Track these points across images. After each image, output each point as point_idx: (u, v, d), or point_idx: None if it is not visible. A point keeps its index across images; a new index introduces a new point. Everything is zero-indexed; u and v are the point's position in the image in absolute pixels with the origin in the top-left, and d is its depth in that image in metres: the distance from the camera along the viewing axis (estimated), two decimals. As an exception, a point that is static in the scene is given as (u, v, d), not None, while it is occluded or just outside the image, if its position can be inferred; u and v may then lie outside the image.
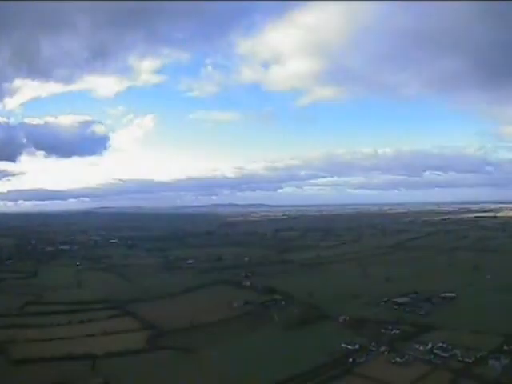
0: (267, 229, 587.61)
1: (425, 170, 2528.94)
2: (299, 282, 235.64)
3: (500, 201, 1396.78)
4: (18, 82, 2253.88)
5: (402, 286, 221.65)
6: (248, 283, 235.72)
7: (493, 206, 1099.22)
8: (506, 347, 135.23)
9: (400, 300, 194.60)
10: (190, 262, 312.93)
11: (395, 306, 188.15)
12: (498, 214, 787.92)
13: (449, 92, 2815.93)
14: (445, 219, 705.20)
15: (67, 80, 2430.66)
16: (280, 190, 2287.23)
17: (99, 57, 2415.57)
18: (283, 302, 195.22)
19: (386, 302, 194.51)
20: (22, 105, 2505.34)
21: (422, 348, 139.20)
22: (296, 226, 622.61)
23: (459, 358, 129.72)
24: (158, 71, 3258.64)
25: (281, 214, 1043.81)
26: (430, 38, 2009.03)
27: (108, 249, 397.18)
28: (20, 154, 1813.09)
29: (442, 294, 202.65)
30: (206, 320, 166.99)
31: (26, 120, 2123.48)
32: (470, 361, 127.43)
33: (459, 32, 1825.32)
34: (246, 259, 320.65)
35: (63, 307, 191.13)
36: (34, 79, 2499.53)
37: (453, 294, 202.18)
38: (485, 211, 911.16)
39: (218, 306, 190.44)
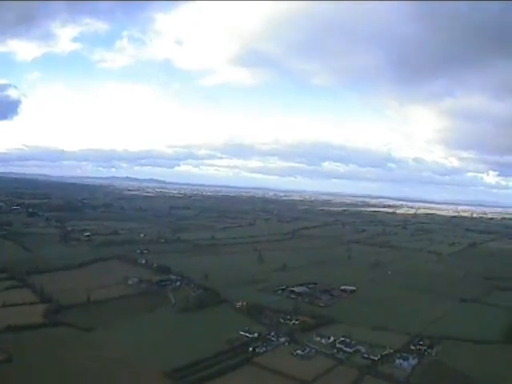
0: (162, 205, 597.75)
1: (325, 161, 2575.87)
2: (194, 263, 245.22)
3: (400, 198, 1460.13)
4: None
5: (299, 274, 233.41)
6: (143, 260, 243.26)
7: (392, 203, 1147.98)
8: (412, 347, 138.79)
9: (298, 289, 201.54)
10: (88, 234, 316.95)
11: (293, 295, 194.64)
12: (398, 211, 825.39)
13: (361, 85, 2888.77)
14: (343, 211, 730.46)
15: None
16: (177, 168, 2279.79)
17: (24, 22, 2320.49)
18: (178, 283, 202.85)
19: (283, 290, 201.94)
20: None
21: (323, 341, 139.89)
22: (191, 205, 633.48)
23: (364, 355, 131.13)
24: (76, 39, 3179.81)
25: (177, 191, 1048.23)
26: (346, 30, 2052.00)
27: (9, 216, 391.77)
28: None
29: (343, 287, 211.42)
30: (102, 296, 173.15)
31: None
32: (376, 358, 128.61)
33: (377, 26, 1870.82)
34: (142, 235, 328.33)
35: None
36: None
37: (353, 288, 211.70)
38: (384, 206, 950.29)
39: (114, 282, 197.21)
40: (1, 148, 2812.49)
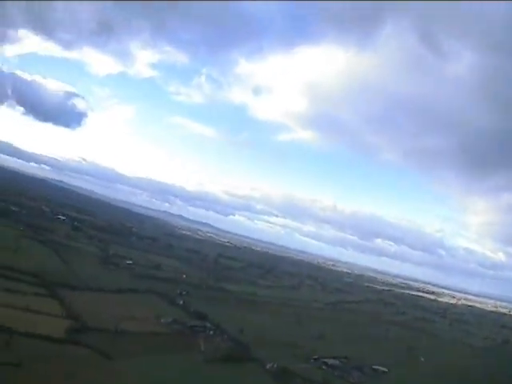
0: (210, 251, 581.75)
1: (378, 237, 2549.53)
2: (232, 315, 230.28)
3: (444, 285, 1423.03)
4: (21, 33, 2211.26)
5: (334, 347, 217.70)
6: (181, 302, 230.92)
7: (435, 289, 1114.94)
8: None
9: (330, 361, 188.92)
10: (129, 262, 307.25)
11: (324, 367, 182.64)
12: (440, 299, 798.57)
13: (426, 168, 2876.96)
14: (386, 290, 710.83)
15: (67, 45, 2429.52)
16: (232, 217, 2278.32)
17: (103, 32, 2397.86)
18: (212, 332, 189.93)
19: (315, 359, 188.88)
20: (18, 55, 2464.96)
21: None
22: (239, 257, 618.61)
23: None
24: (153, 66, 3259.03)
25: (227, 240, 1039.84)
26: (425, 112, 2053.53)
27: (53, 223, 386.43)
28: (1, 103, 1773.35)
29: (374, 366, 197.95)
30: (131, 327, 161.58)
31: (18, 72, 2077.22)
32: None
33: (451, 111, 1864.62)
34: (184, 276, 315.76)
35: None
36: (36, 34, 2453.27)
37: (385, 369, 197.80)
38: (427, 292, 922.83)
39: (147, 316, 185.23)
40: (57, 156, 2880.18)
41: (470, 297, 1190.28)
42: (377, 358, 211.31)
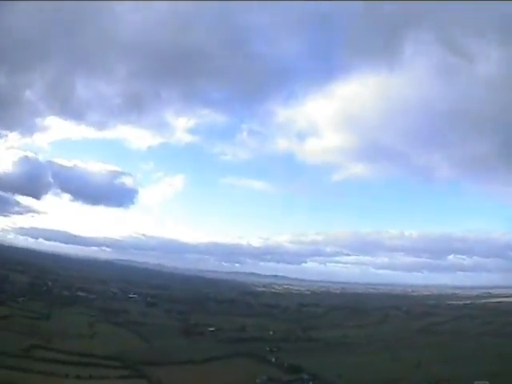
0: (290, 302, 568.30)
1: (449, 254, 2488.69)
2: (327, 362, 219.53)
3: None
4: (49, 120, 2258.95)
5: (433, 372, 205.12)
6: (273, 359, 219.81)
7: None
8: None
9: None
10: (212, 329, 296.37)
11: None
12: None
13: (477, 174, 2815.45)
14: (468, 304, 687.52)
15: (99, 126, 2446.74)
16: (304, 264, 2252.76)
17: (134, 108, 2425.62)
18: (311, 383, 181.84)
19: None
20: (51, 143, 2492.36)
21: None
22: (320, 303, 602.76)
23: None
24: (192, 131, 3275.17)
25: (303, 288, 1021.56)
26: (464, 119, 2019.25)
27: (126, 303, 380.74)
28: (46, 192, 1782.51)
29: (475, 382, 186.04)
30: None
31: (54, 159, 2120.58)
32: None
33: (492, 110, 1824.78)
34: (271, 333, 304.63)
35: (72, 358, 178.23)
36: (65, 119, 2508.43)
37: (486, 382, 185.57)
38: (507, 296, 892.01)
39: (241, 380, 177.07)
40: (116, 235, 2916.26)
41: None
42: (476, 375, 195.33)
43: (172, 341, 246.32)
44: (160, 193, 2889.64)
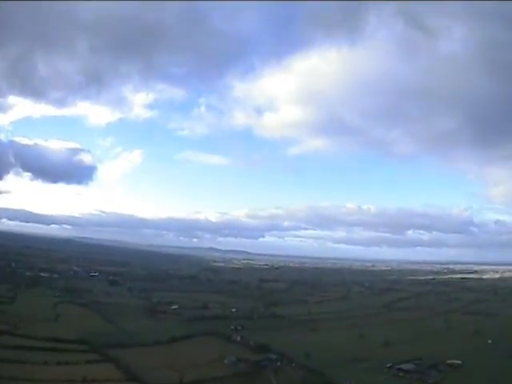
0: (251, 278, 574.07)
1: (408, 229, 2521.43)
2: (293, 341, 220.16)
3: (483, 262, 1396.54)
4: (11, 99, 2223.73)
5: (402, 350, 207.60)
6: (238, 338, 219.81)
7: (476, 268, 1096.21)
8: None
9: (405, 367, 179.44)
10: (175, 307, 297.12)
11: (401, 373, 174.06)
12: (484, 276, 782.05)
13: (439, 150, 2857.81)
14: (431, 279, 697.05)
15: (60, 103, 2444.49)
16: (262, 239, 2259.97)
17: (94, 84, 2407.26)
18: (279, 363, 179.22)
19: (389, 368, 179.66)
20: (12, 123, 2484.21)
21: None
22: (280, 278, 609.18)
23: None
24: (151, 106, 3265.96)
25: (263, 263, 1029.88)
26: (427, 95, 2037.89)
27: (88, 282, 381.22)
28: (7, 172, 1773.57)
29: (448, 361, 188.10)
30: (197, 377, 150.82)
31: (16, 139, 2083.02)
32: None
33: (455, 86, 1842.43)
34: (234, 310, 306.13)
35: (39, 343, 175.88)
36: (26, 98, 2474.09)
37: (459, 361, 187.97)
38: (470, 272, 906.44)
39: (209, 361, 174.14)
40: (76, 213, 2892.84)
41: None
42: (448, 352, 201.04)
43: (136, 321, 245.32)
44: (118, 169, 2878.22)
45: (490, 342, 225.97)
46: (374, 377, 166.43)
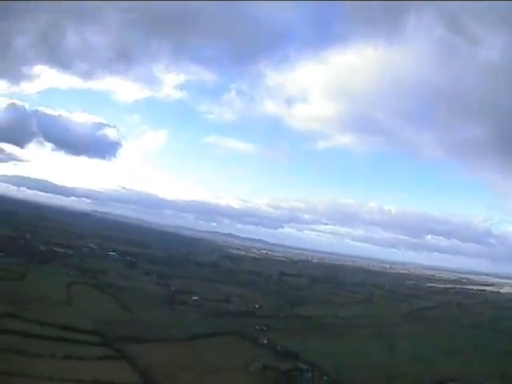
0: (271, 270, 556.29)
1: (428, 234, 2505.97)
2: (322, 348, 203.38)
3: (498, 275, 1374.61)
4: (37, 69, 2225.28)
5: (433, 367, 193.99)
6: (265, 341, 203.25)
7: (493, 280, 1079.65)
8: None
9: None
10: (196, 298, 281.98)
11: None
12: (501, 290, 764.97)
13: (465, 158, 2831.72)
14: (450, 288, 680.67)
15: (87, 76, 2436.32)
16: (281, 229, 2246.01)
17: (123, 59, 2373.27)
18: (310, 374, 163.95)
19: None
20: (39, 92, 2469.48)
21: None
22: (301, 272, 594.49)
23: None
24: (181, 87, 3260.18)
25: (281, 255, 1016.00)
26: (459, 101, 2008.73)
27: (105, 262, 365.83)
28: (29, 141, 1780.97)
29: None
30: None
31: (40, 108, 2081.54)
32: None
33: (489, 96, 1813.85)
34: (257, 306, 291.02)
35: (48, 330, 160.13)
36: (53, 67, 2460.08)
37: None
38: (487, 285, 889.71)
39: (233, 366, 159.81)
40: (96, 187, 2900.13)
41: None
42: (479, 372, 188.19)
43: (154, 311, 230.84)
44: (143, 147, 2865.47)
45: None
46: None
